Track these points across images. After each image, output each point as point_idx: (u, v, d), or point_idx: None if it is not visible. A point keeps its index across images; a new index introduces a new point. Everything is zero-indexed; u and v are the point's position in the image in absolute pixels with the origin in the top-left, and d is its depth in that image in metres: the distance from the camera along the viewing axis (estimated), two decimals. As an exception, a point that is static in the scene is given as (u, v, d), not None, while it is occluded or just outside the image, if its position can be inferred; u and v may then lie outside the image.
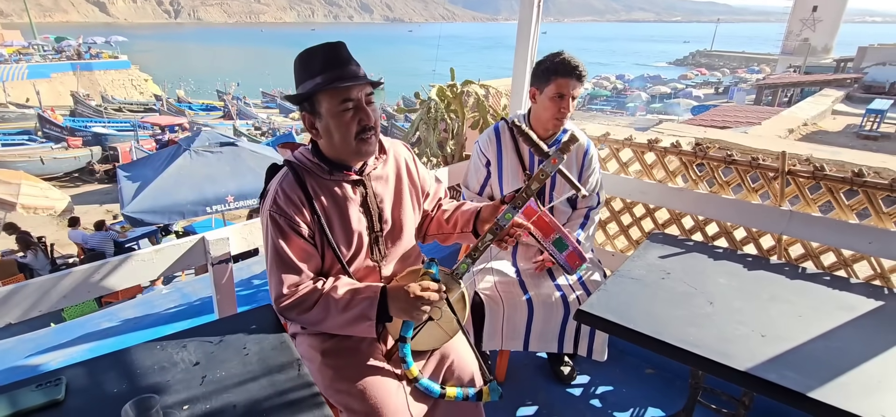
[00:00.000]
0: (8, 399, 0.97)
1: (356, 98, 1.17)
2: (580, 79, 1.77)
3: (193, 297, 2.88)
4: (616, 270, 1.60)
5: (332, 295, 1.20)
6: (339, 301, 1.19)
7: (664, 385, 2.09)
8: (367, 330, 1.19)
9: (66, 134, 16.49)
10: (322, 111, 1.18)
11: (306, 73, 1.18)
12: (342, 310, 1.18)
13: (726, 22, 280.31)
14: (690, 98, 29.99)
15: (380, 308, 1.18)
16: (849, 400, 1.04)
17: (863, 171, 1.81)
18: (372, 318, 1.17)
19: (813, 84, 20.18)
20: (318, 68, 1.16)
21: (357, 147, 1.20)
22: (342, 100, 1.16)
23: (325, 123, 1.19)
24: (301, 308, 1.20)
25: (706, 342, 1.22)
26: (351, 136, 1.19)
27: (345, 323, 1.19)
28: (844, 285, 1.54)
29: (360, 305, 1.18)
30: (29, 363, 2.28)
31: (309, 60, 1.18)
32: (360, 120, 1.18)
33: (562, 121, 1.83)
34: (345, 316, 1.18)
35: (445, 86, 3.40)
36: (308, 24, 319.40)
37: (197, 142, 6.51)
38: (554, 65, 1.76)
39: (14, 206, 7.81)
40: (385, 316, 1.19)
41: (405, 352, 1.22)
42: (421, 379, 1.24)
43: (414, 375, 1.23)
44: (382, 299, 1.18)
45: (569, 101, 1.78)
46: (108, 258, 1.58)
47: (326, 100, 1.17)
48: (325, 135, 1.21)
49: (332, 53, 1.17)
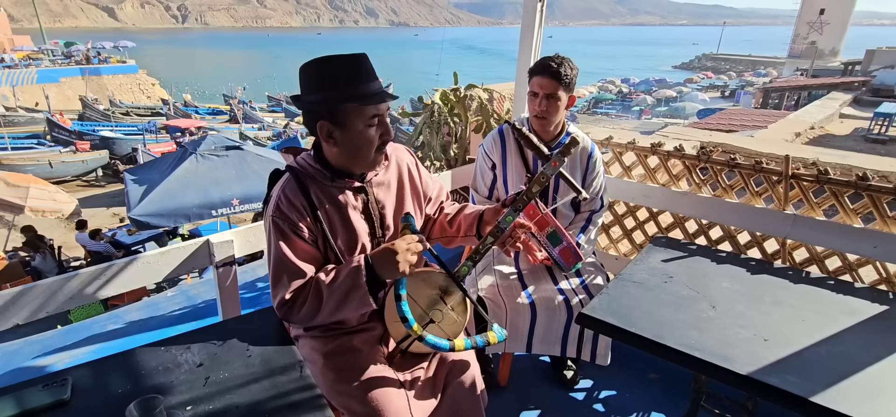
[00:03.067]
0: (15, 399, 0.98)
1: (382, 113, 1.19)
2: (555, 77, 1.75)
3: (198, 300, 2.90)
4: (618, 274, 1.60)
5: (318, 277, 1.20)
6: (325, 281, 1.18)
7: (668, 391, 2.08)
8: (363, 301, 1.16)
9: (75, 138, 16.68)
10: (347, 124, 1.16)
11: (328, 82, 1.15)
12: (332, 289, 1.16)
13: (732, 25, 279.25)
14: (696, 101, 29.86)
15: (368, 276, 1.15)
16: (851, 405, 1.04)
17: (867, 175, 1.80)
18: (362, 286, 1.14)
19: (820, 87, 20.03)
20: (343, 79, 1.14)
21: (376, 158, 1.23)
22: (372, 116, 1.17)
23: (349, 136, 1.17)
24: (298, 304, 1.19)
25: (708, 346, 1.22)
26: (373, 150, 1.20)
27: (339, 302, 1.17)
28: (848, 289, 1.53)
29: (348, 278, 1.16)
30: (36, 364, 2.30)
31: (332, 69, 1.15)
32: (383, 135, 1.20)
33: (542, 120, 1.82)
34: (337, 295, 1.16)
35: (448, 90, 3.41)
36: (314, 28, 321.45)
37: (203, 146, 6.57)
38: (534, 65, 1.82)
39: (23, 209, 7.90)
40: (376, 283, 1.16)
41: (404, 311, 1.17)
42: (427, 336, 1.19)
43: (418, 333, 1.18)
44: (368, 265, 1.16)
45: (543, 100, 1.79)
46: (113, 260, 1.60)
47: (355, 115, 1.16)
48: (345, 146, 1.19)
49: (360, 66, 1.16)
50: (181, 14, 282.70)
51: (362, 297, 1.16)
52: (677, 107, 28.25)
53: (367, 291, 1.15)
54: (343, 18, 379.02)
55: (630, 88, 38.62)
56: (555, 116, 1.82)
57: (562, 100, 1.80)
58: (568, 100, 1.83)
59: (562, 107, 1.82)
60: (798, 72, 28.69)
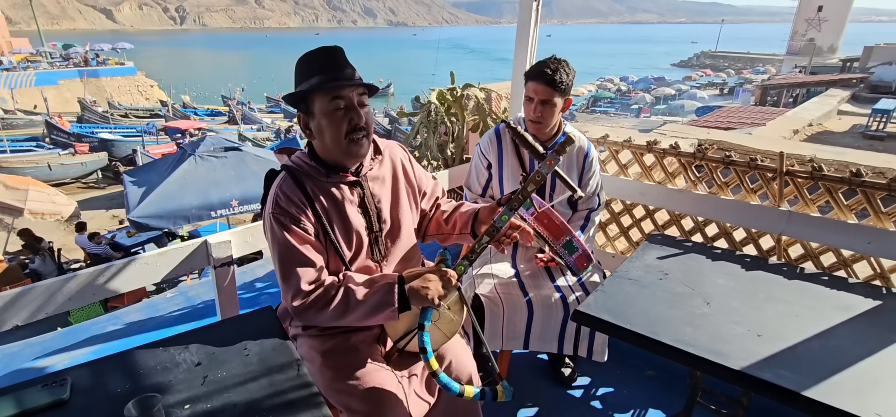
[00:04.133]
0: (15, 399, 0.99)
1: (347, 98, 1.20)
2: (550, 84, 1.76)
3: (197, 301, 2.91)
4: (614, 271, 1.61)
5: (350, 285, 1.21)
6: (357, 291, 1.20)
7: (664, 387, 2.09)
8: (389, 316, 1.20)
9: (74, 140, 16.67)
10: (315, 110, 1.22)
11: (303, 76, 1.22)
12: (362, 300, 1.19)
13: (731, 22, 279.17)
14: (695, 99, 29.86)
15: (399, 294, 1.18)
16: (844, 399, 1.05)
17: (861, 171, 1.81)
18: (393, 304, 1.18)
19: (818, 84, 20.06)
20: (314, 71, 1.20)
21: (347, 147, 1.22)
22: (333, 98, 1.19)
23: (318, 123, 1.22)
24: (321, 302, 1.20)
25: (702, 342, 1.23)
26: (341, 136, 1.21)
27: (367, 314, 1.20)
28: (842, 285, 1.54)
29: (380, 293, 1.19)
30: (36, 365, 2.31)
31: (307, 64, 1.22)
32: (351, 119, 1.21)
33: (538, 124, 1.85)
34: (365, 306, 1.19)
35: (445, 90, 3.42)
36: (312, 28, 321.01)
37: (201, 147, 6.57)
38: (529, 69, 1.83)
39: (22, 212, 7.90)
40: (404, 303, 1.19)
41: (425, 342, 1.19)
42: (440, 374, 1.19)
43: (434, 368, 1.18)
44: (401, 285, 1.20)
45: (538, 106, 1.81)
46: (112, 261, 1.60)
47: (319, 100, 1.21)
48: (318, 135, 1.24)
49: (329, 57, 1.21)
50: (179, 15, 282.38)
51: (390, 314, 1.19)
52: (676, 106, 28.26)
53: (396, 309, 1.18)
54: (341, 18, 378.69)
55: (628, 87, 38.60)
56: (550, 120, 1.85)
57: (557, 105, 1.82)
58: (564, 104, 1.85)
59: (557, 112, 1.84)
60: (796, 70, 28.73)
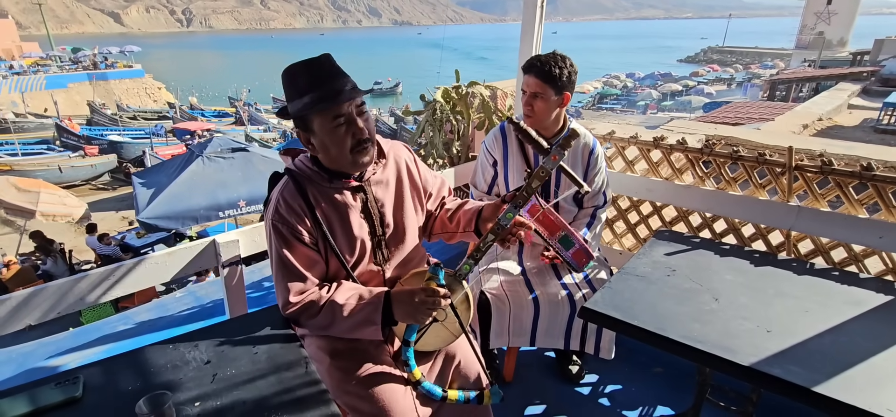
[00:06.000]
0: (28, 397, 1.01)
1: (347, 113, 1.15)
2: (540, 76, 1.74)
3: (206, 300, 2.94)
4: (622, 268, 1.60)
5: (335, 300, 1.22)
6: (344, 306, 1.21)
7: (673, 384, 2.08)
8: (373, 334, 1.21)
9: (83, 142, 16.87)
10: (314, 128, 1.17)
11: (294, 91, 1.17)
12: (347, 316, 1.21)
13: (738, 17, 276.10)
14: (702, 95, 29.64)
15: (384, 312, 1.20)
16: (854, 395, 1.04)
17: (871, 165, 1.79)
18: (377, 323, 1.19)
19: (828, 78, 19.79)
20: (304, 86, 1.15)
21: (354, 159, 1.20)
22: (333, 117, 1.15)
23: (320, 140, 1.18)
24: (307, 314, 1.23)
25: (710, 338, 1.22)
26: (346, 151, 1.18)
27: (350, 328, 1.22)
28: (853, 280, 1.52)
29: (365, 310, 1.20)
30: (48, 364, 2.34)
31: (294, 78, 1.16)
32: (354, 134, 1.17)
33: (531, 119, 1.82)
34: (350, 321, 1.21)
35: (450, 88, 3.42)
36: (317, 29, 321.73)
37: (209, 148, 6.62)
38: (523, 63, 1.82)
39: (33, 214, 8.00)
40: (390, 320, 1.21)
41: (408, 356, 1.24)
42: (423, 382, 1.25)
43: (416, 378, 1.24)
44: (386, 303, 1.20)
45: (531, 99, 1.79)
46: (123, 261, 1.62)
47: (318, 120, 1.16)
48: (322, 150, 1.20)
49: (317, 69, 1.15)
50: (186, 17, 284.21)
51: (374, 332, 1.21)
52: (683, 101, 28.05)
53: (379, 327, 1.20)
54: (346, 19, 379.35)
55: (635, 83, 38.33)
56: (543, 115, 1.80)
57: (550, 99, 1.77)
58: (561, 100, 1.79)
59: (550, 106, 1.79)
60: (805, 64, 28.35)
